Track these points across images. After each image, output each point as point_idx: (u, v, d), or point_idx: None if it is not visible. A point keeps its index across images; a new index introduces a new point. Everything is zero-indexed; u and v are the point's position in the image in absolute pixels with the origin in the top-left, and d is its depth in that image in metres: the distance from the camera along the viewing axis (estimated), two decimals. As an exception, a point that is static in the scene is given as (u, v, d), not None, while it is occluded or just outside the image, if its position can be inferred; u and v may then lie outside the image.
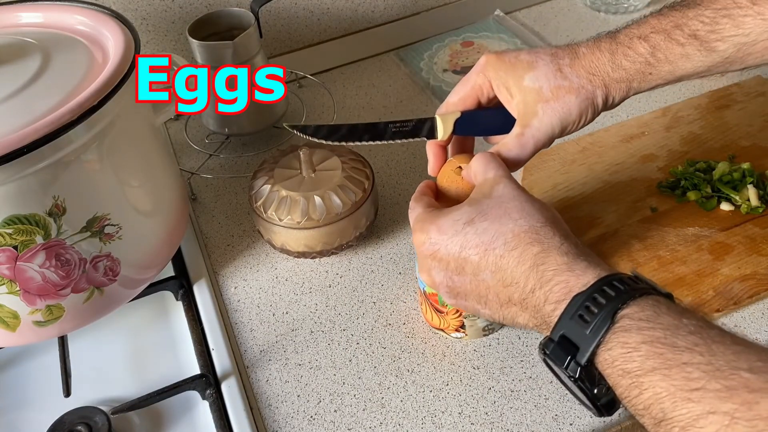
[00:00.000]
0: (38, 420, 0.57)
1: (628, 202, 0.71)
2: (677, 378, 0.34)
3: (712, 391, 0.32)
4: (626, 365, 0.36)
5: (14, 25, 0.62)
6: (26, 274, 0.53)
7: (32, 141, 0.47)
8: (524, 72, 0.51)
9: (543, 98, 0.50)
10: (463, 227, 0.45)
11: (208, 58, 0.76)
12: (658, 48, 0.50)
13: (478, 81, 0.53)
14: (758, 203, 0.68)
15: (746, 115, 0.81)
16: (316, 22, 0.95)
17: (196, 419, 0.58)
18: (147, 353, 0.64)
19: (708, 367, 0.33)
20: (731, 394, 0.32)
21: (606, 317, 0.37)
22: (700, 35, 0.49)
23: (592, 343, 0.37)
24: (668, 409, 0.34)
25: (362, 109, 0.90)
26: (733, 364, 0.33)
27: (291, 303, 0.67)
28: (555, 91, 0.50)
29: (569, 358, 0.38)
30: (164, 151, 0.65)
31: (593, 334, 0.37)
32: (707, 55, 0.50)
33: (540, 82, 0.50)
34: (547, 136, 0.51)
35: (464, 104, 0.54)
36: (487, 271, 0.44)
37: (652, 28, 0.51)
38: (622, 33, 0.52)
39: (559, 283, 0.41)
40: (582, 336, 0.38)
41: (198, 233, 0.75)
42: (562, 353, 0.39)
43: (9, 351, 0.64)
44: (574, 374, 0.38)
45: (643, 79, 0.51)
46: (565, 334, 0.39)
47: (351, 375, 0.60)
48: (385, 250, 0.71)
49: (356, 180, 0.67)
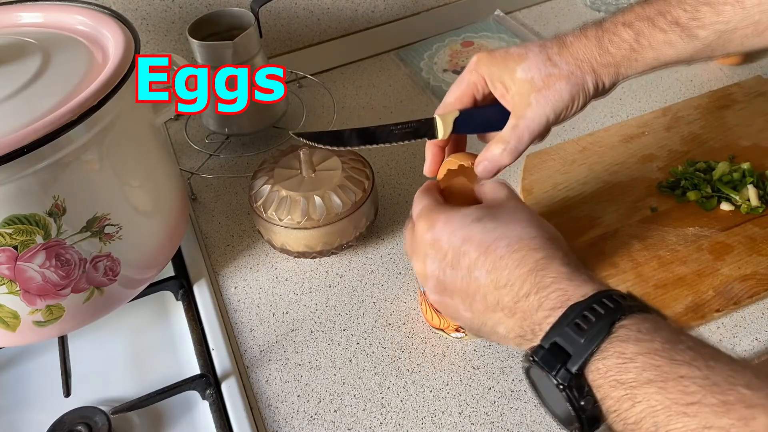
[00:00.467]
0: (38, 420, 0.57)
1: (628, 202, 0.71)
2: (673, 391, 0.33)
3: (709, 406, 0.32)
4: (621, 376, 0.35)
5: (14, 25, 0.62)
6: (26, 274, 0.53)
7: (32, 141, 0.47)
8: (515, 64, 0.52)
9: (535, 87, 0.51)
10: (471, 223, 0.45)
11: (208, 58, 0.76)
12: (642, 34, 0.51)
13: (472, 79, 0.54)
14: (758, 203, 0.68)
15: (746, 115, 0.81)
16: (316, 22, 0.95)
17: (196, 419, 0.58)
18: (147, 353, 0.64)
19: (705, 381, 0.33)
20: (728, 409, 0.32)
21: (603, 327, 0.37)
22: (682, 22, 0.51)
23: (587, 350, 0.37)
24: (662, 422, 0.33)
25: (362, 109, 0.90)
26: (731, 380, 0.33)
27: (291, 303, 0.67)
28: (546, 79, 0.51)
29: (560, 365, 0.38)
30: (164, 151, 0.65)
31: (588, 342, 0.37)
32: (689, 42, 0.51)
33: (531, 72, 0.51)
34: (542, 125, 0.52)
35: (461, 103, 0.55)
36: (483, 270, 0.44)
37: (637, 15, 0.52)
38: (608, 21, 0.53)
39: (556, 291, 0.41)
40: (576, 344, 0.37)
41: (198, 233, 0.75)
42: (552, 359, 0.38)
43: (9, 351, 0.64)
44: (564, 381, 0.37)
45: (629, 65, 0.52)
46: (558, 342, 0.38)
47: (351, 375, 0.60)
48: (385, 250, 0.71)
49: (356, 180, 0.68)
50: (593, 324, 0.37)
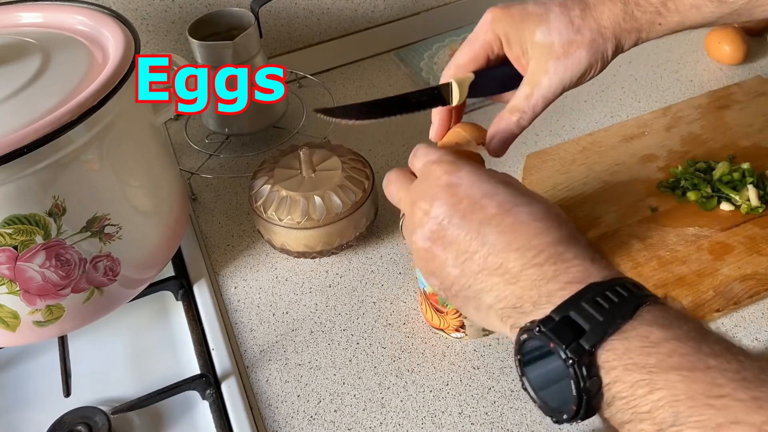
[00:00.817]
0: (38, 420, 0.57)
1: (629, 202, 0.71)
2: (700, 382, 0.31)
3: (739, 401, 0.30)
4: (641, 359, 0.33)
5: (14, 25, 0.62)
6: (26, 274, 0.53)
7: (32, 141, 0.47)
8: (535, 26, 0.49)
9: (554, 54, 0.49)
10: (497, 183, 0.42)
11: (208, 58, 0.76)
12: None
13: (487, 38, 0.51)
14: (758, 203, 0.68)
15: (746, 115, 0.81)
16: (316, 22, 0.95)
17: (196, 419, 0.58)
18: (147, 353, 0.64)
19: (735, 375, 0.31)
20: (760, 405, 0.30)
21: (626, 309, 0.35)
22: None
23: (606, 328, 0.34)
24: (683, 413, 0.31)
25: (362, 109, 0.90)
26: (761, 377, 0.31)
27: (291, 303, 0.67)
28: (567, 46, 0.48)
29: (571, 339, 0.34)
30: (164, 151, 0.65)
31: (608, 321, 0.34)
32: (718, 6, 0.49)
33: (552, 37, 0.49)
34: (557, 93, 0.50)
35: (475, 64, 0.52)
36: (495, 229, 0.40)
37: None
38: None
39: (577, 266, 0.38)
40: (593, 320, 0.35)
41: (198, 233, 0.75)
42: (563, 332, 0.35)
43: (9, 351, 0.64)
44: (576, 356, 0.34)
45: (651, 29, 0.50)
46: (572, 316, 0.35)
47: (351, 375, 0.60)
48: (385, 250, 0.71)
49: (356, 180, 0.68)
50: (615, 304, 0.35)
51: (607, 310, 0.35)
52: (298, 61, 0.95)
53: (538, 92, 0.49)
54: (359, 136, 0.86)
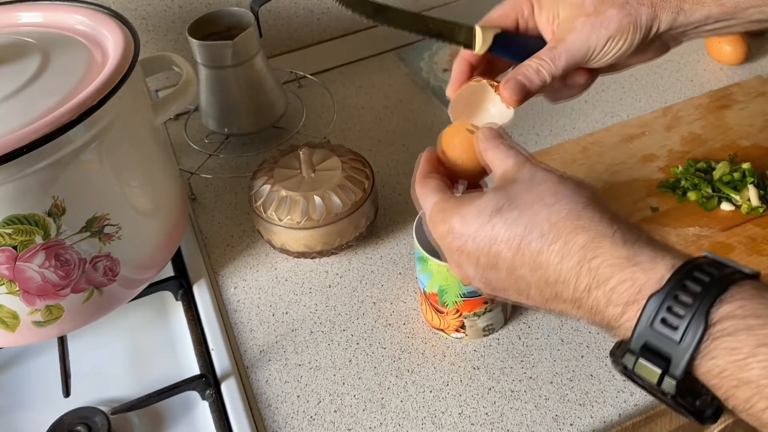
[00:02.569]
0: (38, 420, 0.57)
1: (629, 202, 0.71)
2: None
3: None
4: (742, 374, 0.30)
5: (14, 25, 0.62)
6: (26, 274, 0.53)
7: (32, 141, 0.47)
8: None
9: (584, 12, 0.46)
10: (490, 218, 0.40)
11: (208, 57, 0.76)
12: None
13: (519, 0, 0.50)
14: (759, 203, 0.68)
15: (746, 115, 0.81)
16: (316, 21, 0.95)
17: (195, 419, 0.58)
18: (147, 353, 0.64)
19: None
20: None
21: (699, 319, 0.31)
22: None
23: (687, 351, 0.31)
24: None
25: (362, 109, 0.90)
26: None
27: (291, 303, 0.67)
28: (598, 5, 0.46)
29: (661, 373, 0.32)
30: (164, 151, 0.65)
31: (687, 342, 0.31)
32: None
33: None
34: (582, 52, 0.47)
35: (503, 22, 0.50)
36: (524, 269, 0.39)
37: None
38: None
39: (623, 282, 0.35)
40: (671, 345, 0.32)
41: (198, 233, 0.75)
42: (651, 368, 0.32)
43: (9, 351, 0.64)
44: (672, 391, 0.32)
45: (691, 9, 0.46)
46: (649, 344, 0.33)
47: (351, 375, 0.60)
48: (385, 250, 0.71)
49: (356, 180, 0.67)
50: (683, 317, 0.32)
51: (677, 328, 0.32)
52: (298, 61, 0.95)
53: (562, 46, 0.47)
54: (359, 136, 0.86)
